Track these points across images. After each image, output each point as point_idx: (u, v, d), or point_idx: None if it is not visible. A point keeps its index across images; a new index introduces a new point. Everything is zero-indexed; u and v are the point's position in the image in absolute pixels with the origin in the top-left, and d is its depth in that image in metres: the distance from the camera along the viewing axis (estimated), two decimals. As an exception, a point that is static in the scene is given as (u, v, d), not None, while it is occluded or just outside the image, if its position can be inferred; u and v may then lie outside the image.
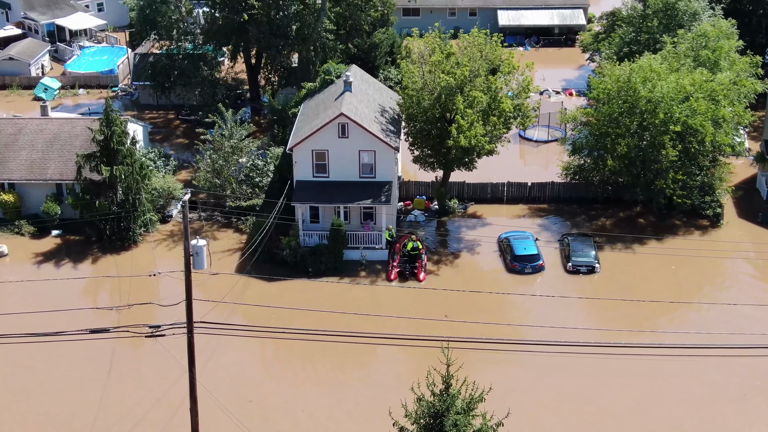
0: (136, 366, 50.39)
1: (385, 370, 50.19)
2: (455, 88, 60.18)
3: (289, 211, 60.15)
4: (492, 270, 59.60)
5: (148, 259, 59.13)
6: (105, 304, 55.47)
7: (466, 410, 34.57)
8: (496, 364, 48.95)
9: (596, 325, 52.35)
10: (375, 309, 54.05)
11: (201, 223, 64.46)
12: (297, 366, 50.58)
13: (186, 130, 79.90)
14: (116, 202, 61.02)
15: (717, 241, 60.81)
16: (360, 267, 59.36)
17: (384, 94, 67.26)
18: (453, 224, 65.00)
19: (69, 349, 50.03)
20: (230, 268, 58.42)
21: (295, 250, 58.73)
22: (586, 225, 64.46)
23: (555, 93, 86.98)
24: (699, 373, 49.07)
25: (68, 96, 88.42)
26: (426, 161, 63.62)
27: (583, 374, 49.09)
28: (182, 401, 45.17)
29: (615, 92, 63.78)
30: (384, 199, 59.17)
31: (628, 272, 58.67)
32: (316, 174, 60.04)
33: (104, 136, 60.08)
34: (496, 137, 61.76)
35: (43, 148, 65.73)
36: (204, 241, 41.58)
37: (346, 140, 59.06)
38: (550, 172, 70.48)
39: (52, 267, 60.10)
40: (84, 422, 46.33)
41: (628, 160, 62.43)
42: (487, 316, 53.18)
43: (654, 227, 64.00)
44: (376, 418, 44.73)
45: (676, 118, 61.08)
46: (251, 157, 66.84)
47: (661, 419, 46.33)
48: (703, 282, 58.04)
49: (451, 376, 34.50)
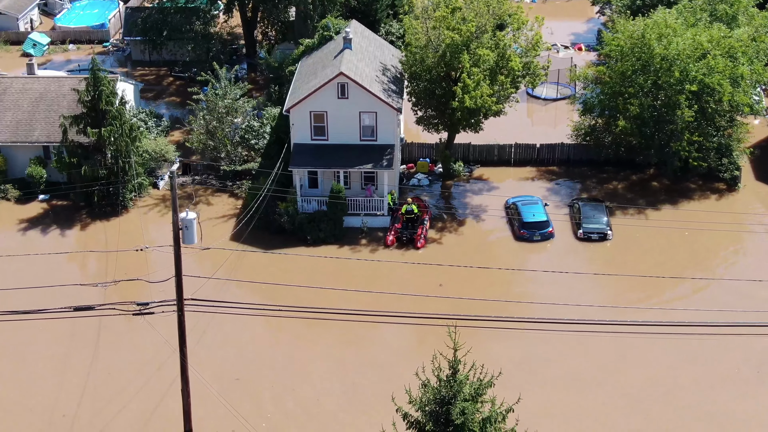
0: (124, 345, 47.81)
1: (383, 347, 47.52)
2: (461, 46, 57.14)
3: (287, 176, 57.40)
4: (499, 237, 56.91)
5: (139, 226, 56.44)
6: (92, 275, 52.75)
7: (474, 396, 32.50)
8: (501, 340, 46.34)
9: (608, 299, 49.91)
10: (374, 280, 51.53)
11: (194, 188, 61.70)
12: (292, 343, 47.83)
13: (179, 88, 76.91)
14: (105, 166, 58.25)
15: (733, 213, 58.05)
16: (361, 234, 56.70)
17: (386, 51, 64.14)
18: (458, 188, 62.22)
19: (53, 324, 47.18)
20: (225, 236, 55.78)
21: (293, 216, 56.04)
22: (596, 189, 61.73)
23: (564, 48, 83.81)
24: (715, 352, 46.39)
25: (58, 52, 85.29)
26: (430, 122, 60.72)
27: (593, 352, 46.53)
28: (173, 381, 42.90)
29: (628, 49, 60.85)
30: (386, 163, 56.36)
31: (641, 240, 55.91)
32: (315, 137, 57.18)
33: (91, 97, 57.16)
34: (504, 97, 58.83)
35: (29, 109, 62.86)
36: (194, 214, 39.20)
37: (346, 101, 56.11)
38: (559, 131, 67.62)
39: (38, 234, 57.46)
40: (69, 403, 43.95)
41: (641, 121, 59.59)
42: (492, 287, 50.80)
43: (668, 191, 61.24)
44: (372, 397, 42.48)
45: (693, 76, 58.27)
46: (246, 117, 63.89)
47: (675, 401, 43.80)
48: (721, 251, 55.24)
49: (459, 361, 32.33)
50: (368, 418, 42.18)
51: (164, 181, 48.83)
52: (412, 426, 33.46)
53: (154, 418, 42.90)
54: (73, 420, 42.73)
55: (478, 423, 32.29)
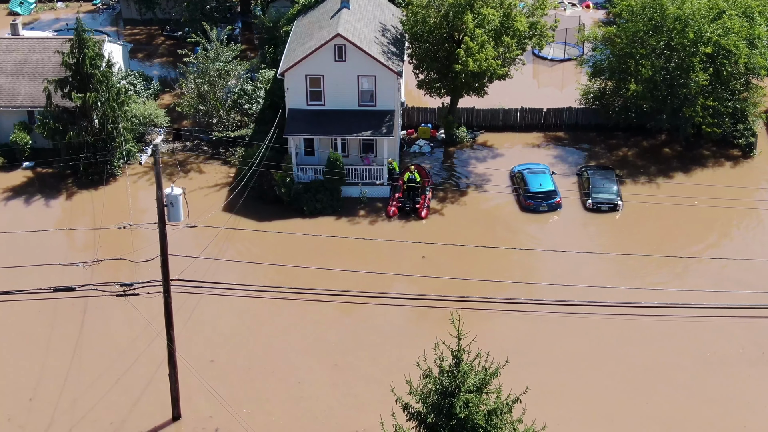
0: (111, 324, 45.42)
1: (369, 327, 45.04)
2: (464, 5, 54.26)
3: (282, 142, 54.78)
4: (503, 208, 54.28)
5: (128, 195, 53.89)
6: (77, 249, 50.32)
7: (479, 388, 30.45)
8: (500, 317, 43.89)
9: (615, 276, 47.68)
10: (373, 254, 49.14)
11: (186, 155, 59.11)
12: (284, 323, 45.40)
13: (171, 48, 73.82)
14: (92, 132, 55.60)
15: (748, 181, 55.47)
16: (359, 205, 54.15)
17: (385, 11, 61.16)
18: (461, 155, 59.55)
19: (34, 305, 44.78)
20: (217, 207, 53.23)
21: (289, 186, 53.48)
22: (606, 155, 59.06)
23: (571, 5, 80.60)
24: (720, 333, 43.95)
25: (46, 10, 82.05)
26: (432, 86, 57.90)
27: (596, 332, 44.12)
28: (160, 364, 40.78)
29: (639, 8, 57.94)
30: (385, 130, 53.69)
31: (652, 211, 53.22)
32: (311, 102, 54.45)
33: (76, 60, 54.37)
34: (510, 60, 56.01)
35: (13, 71, 60.05)
36: (180, 190, 37.29)
37: (344, 64, 53.33)
38: (566, 94, 64.84)
39: (21, 204, 54.90)
40: (51, 391, 41.77)
41: (653, 84, 56.82)
42: (495, 261, 48.41)
43: (680, 158, 58.58)
44: (356, 378, 40.37)
45: (707, 37, 55.44)
46: (240, 80, 61.05)
47: (680, 383, 41.62)
48: (734, 223, 52.72)
49: (463, 351, 30.24)
50: (353, 400, 40.51)
51: (147, 155, 46.21)
52: (413, 417, 31.52)
53: (141, 402, 40.74)
54: (56, 405, 40.59)
55: (483, 415, 30.30)
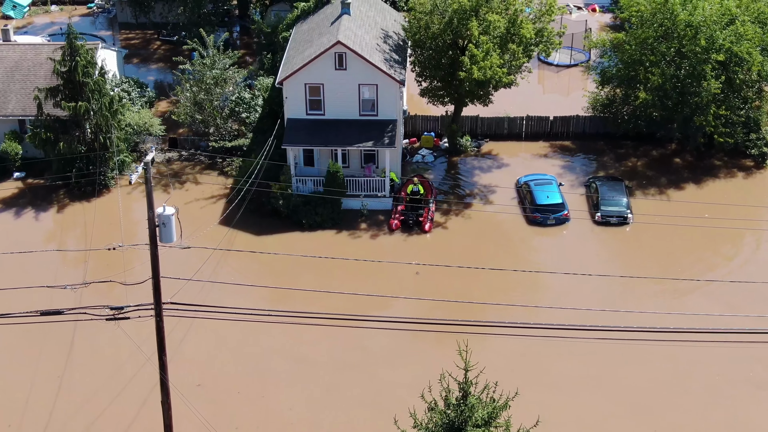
0: (101, 346, 43.68)
1: (359, 348, 43.36)
2: (469, 11, 52.54)
3: (281, 153, 53.04)
4: (509, 221, 52.49)
5: (121, 209, 52.09)
6: (66, 268, 48.61)
7: (487, 422, 28.77)
8: (502, 341, 41.84)
9: (621, 296, 45.90)
10: (374, 269, 47.40)
11: (182, 164, 57.33)
12: (273, 344, 43.63)
13: (167, 53, 72.03)
14: (84, 142, 53.86)
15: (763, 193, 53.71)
16: (360, 218, 52.42)
17: (387, 17, 59.36)
18: (465, 165, 57.79)
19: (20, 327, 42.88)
20: (213, 221, 51.38)
21: (288, 199, 51.72)
22: (614, 166, 57.30)
23: (577, 9, 78.83)
24: (727, 354, 41.98)
25: (40, 13, 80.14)
26: (435, 94, 56.15)
27: (598, 354, 42.31)
28: (152, 389, 39.03)
29: (649, 14, 56.18)
30: (387, 140, 51.93)
31: (663, 225, 51.24)
32: (310, 111, 52.71)
33: (67, 68, 52.63)
34: (516, 67, 54.24)
35: (4, 79, 58.32)
36: (172, 209, 35.13)
37: (344, 72, 51.59)
38: (572, 100, 63.07)
39: (10, 216, 53.16)
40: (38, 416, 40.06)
41: (663, 93, 55.09)
42: (498, 278, 46.52)
43: (691, 168, 56.85)
44: (349, 400, 38.65)
45: (720, 44, 53.75)
46: (237, 88, 59.27)
47: (686, 405, 40.03)
48: (746, 241, 50.85)
49: (471, 383, 28.50)
50: (347, 425, 39.08)
51: (137, 173, 44.57)
52: (418, 452, 29.89)
53: (131, 430, 39.03)
54: (44, 431, 38.96)
55: (491, 451, 28.69)
